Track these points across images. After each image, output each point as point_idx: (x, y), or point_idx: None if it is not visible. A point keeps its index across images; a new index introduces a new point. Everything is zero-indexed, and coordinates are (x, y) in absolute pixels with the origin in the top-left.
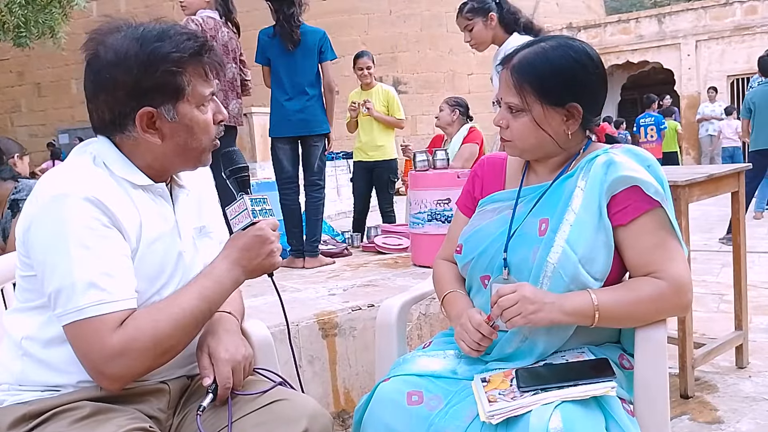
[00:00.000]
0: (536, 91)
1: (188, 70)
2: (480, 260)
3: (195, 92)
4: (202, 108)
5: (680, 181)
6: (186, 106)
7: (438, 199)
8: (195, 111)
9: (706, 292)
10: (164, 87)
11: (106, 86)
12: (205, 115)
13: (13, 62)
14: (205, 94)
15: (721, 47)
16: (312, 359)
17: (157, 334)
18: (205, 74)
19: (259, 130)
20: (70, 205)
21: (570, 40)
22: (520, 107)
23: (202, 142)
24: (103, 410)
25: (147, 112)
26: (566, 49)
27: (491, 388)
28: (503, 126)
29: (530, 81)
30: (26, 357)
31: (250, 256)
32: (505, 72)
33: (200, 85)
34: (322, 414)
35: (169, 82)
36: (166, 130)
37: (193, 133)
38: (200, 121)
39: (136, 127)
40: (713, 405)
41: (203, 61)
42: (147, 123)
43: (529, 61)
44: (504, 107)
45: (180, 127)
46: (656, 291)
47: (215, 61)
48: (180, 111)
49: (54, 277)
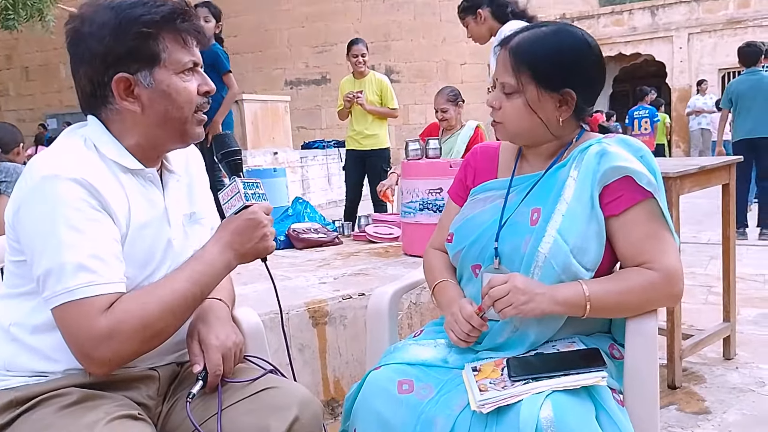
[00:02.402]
0: (532, 74)
1: (163, 36)
2: (471, 249)
3: (172, 59)
4: (182, 76)
5: (672, 172)
6: (163, 72)
7: (430, 189)
8: (174, 77)
9: (695, 284)
10: (137, 52)
11: (84, 57)
12: (185, 83)
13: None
14: (184, 61)
15: (714, 40)
16: (302, 347)
17: (146, 317)
18: (183, 41)
19: (250, 117)
20: (60, 186)
21: (570, 26)
22: (515, 88)
23: (184, 111)
24: (90, 397)
25: (123, 78)
26: (566, 35)
27: (482, 377)
28: (496, 107)
29: (527, 62)
30: (14, 342)
31: (242, 240)
32: (504, 52)
33: (178, 52)
34: (313, 401)
35: (142, 46)
36: (145, 97)
37: (172, 101)
38: (180, 89)
39: (115, 97)
40: (700, 395)
41: (178, 27)
42: (125, 90)
43: (529, 43)
44: (498, 87)
45: (158, 93)
46: (647, 281)
47: (193, 29)
48: (157, 77)
49: (43, 258)
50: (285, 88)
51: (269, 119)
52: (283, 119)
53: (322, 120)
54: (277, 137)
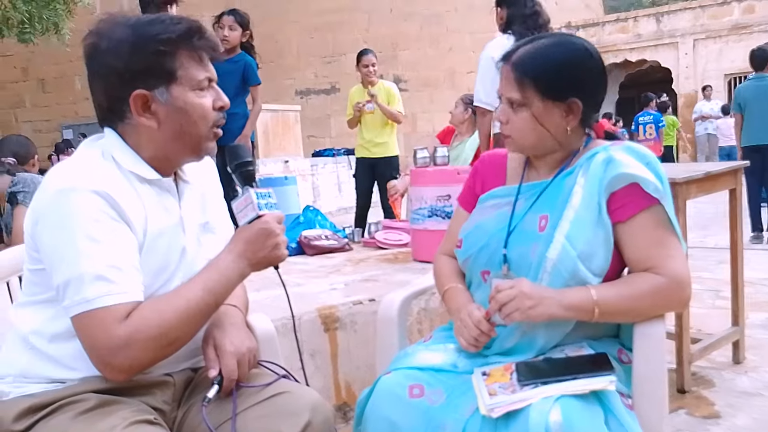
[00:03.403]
0: (536, 86)
1: (180, 53)
2: (480, 255)
3: (188, 75)
4: (198, 92)
5: (678, 178)
6: (179, 89)
7: (438, 195)
8: (190, 94)
9: (702, 288)
10: (154, 69)
11: (101, 73)
12: (201, 100)
13: (18, 58)
14: (200, 78)
15: (719, 46)
16: (313, 353)
17: (163, 326)
18: (199, 58)
19: (261, 127)
20: (78, 198)
21: (569, 36)
22: (521, 102)
23: (200, 128)
24: (108, 402)
25: (140, 95)
26: (566, 45)
27: (491, 382)
28: (503, 121)
29: (530, 76)
30: (32, 351)
31: (255, 249)
32: (506, 67)
33: (193, 69)
34: (325, 406)
35: (159, 63)
36: (162, 114)
37: (188, 117)
38: (195, 105)
39: (132, 113)
40: (710, 400)
41: (195, 45)
42: (142, 106)
43: (531, 56)
44: (505, 102)
45: (174, 110)
46: (655, 287)
47: (208, 46)
48: (173, 94)
49: (62, 269)
50: (295, 97)
51: (280, 128)
52: (293, 128)
53: (332, 128)
54: (287, 146)
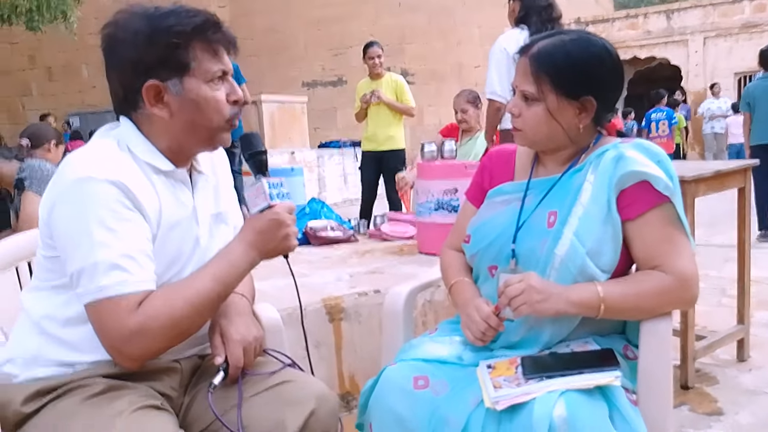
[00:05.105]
0: (552, 81)
1: (194, 45)
2: (488, 250)
3: (202, 68)
4: (212, 84)
5: (687, 176)
6: (193, 81)
7: (445, 189)
8: (203, 86)
9: (708, 286)
10: (168, 60)
11: (116, 63)
12: (214, 93)
13: (25, 46)
14: (213, 70)
15: (729, 44)
16: (318, 343)
17: (174, 315)
18: (214, 51)
19: (268, 117)
20: (93, 187)
21: (590, 34)
22: (535, 96)
23: (212, 121)
24: (115, 387)
25: (153, 86)
26: (586, 42)
27: (496, 375)
28: (515, 114)
29: (547, 70)
30: (43, 335)
31: (265, 239)
32: (524, 60)
33: (207, 61)
34: (330, 396)
35: (172, 55)
36: (174, 105)
37: (200, 110)
38: (209, 98)
39: (145, 103)
40: (713, 396)
41: (209, 38)
42: (154, 97)
43: (548, 51)
44: (518, 95)
45: (187, 101)
46: (662, 284)
47: (225, 39)
48: (186, 86)
49: (76, 257)
50: (302, 89)
51: (286, 119)
52: (300, 119)
53: (338, 121)
54: (294, 137)
